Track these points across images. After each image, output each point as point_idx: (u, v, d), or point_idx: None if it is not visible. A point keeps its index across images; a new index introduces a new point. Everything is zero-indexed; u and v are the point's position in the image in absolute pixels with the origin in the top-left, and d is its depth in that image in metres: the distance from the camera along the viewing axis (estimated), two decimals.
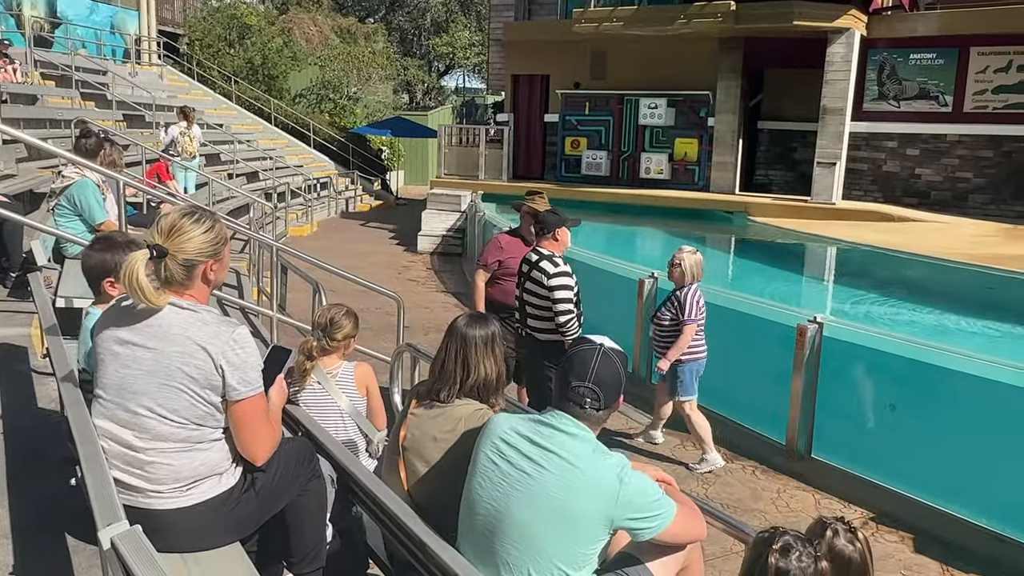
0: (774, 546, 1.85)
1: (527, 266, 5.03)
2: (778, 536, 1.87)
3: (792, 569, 1.82)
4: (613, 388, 2.30)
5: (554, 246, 4.98)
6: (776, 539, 1.86)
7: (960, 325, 8.56)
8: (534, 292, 4.95)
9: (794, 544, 1.85)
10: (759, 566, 1.85)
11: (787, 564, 1.82)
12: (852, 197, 14.81)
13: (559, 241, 4.99)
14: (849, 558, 1.85)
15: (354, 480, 2.84)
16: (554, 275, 4.83)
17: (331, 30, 34.01)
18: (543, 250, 4.97)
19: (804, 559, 1.83)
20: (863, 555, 1.86)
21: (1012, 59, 13.63)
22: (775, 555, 1.83)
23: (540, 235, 5.03)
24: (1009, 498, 4.77)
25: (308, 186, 19.27)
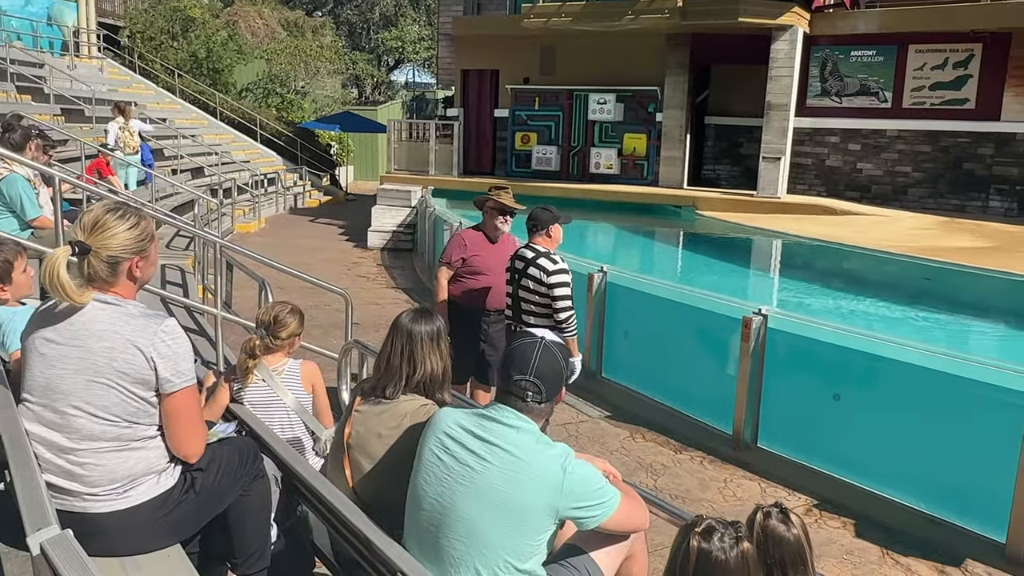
0: (697, 529, 1.89)
1: (521, 263, 4.99)
2: (701, 521, 1.91)
3: (714, 550, 1.85)
4: (554, 381, 2.31)
5: (548, 243, 4.97)
6: (699, 523, 1.91)
7: (900, 315, 8.80)
8: (531, 288, 4.92)
9: (716, 527, 1.89)
10: (683, 549, 1.89)
11: (709, 545, 1.86)
12: (797, 191, 15.11)
13: (552, 238, 4.99)
14: (781, 538, 1.88)
15: (299, 479, 2.81)
16: (554, 272, 4.83)
17: (278, 23, 33.49)
18: (538, 247, 4.95)
19: (726, 540, 1.87)
20: (798, 537, 1.90)
21: (948, 56, 14.03)
22: (697, 537, 1.88)
23: (533, 232, 5.00)
24: (944, 483, 4.92)
25: (255, 182, 18.97)
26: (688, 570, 1.88)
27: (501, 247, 5.43)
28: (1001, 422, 4.56)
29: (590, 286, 7.33)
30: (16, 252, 3.37)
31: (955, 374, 4.97)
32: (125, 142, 12.34)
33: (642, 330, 7.14)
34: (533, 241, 5.00)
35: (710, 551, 1.86)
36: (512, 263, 5.11)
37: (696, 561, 1.87)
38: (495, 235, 5.37)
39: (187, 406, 2.35)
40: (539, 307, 4.93)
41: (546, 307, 4.90)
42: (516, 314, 5.06)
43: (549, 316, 4.89)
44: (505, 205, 5.31)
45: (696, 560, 1.87)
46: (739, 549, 1.88)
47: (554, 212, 5.06)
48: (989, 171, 13.93)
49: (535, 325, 4.92)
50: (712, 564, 1.86)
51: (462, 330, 5.09)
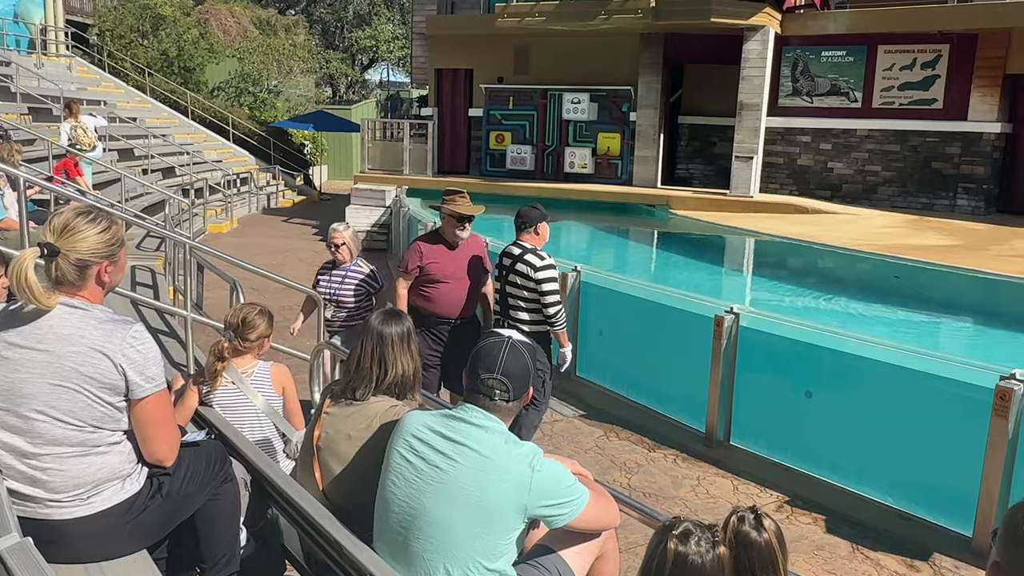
0: (674, 532, 1.89)
1: (509, 259, 5.08)
2: (678, 523, 1.91)
3: (690, 553, 1.85)
4: (522, 379, 2.31)
5: (535, 240, 5.07)
6: (676, 526, 1.90)
7: (870, 312, 8.90)
8: (519, 284, 5.01)
9: (694, 530, 1.89)
10: (660, 551, 1.89)
11: (686, 548, 1.86)
12: (769, 190, 15.24)
13: (540, 235, 5.09)
14: (753, 542, 1.89)
15: (268, 482, 2.79)
16: (541, 267, 4.94)
17: (250, 22, 33.22)
18: (525, 244, 5.05)
19: (703, 544, 1.87)
20: (769, 542, 1.91)
21: (916, 57, 14.23)
22: (674, 540, 1.87)
23: (521, 229, 5.09)
24: (913, 478, 4.99)
25: (228, 181, 18.78)
26: (664, 572, 1.87)
27: (462, 252, 5.30)
28: (967, 418, 4.63)
29: (564, 285, 7.33)
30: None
31: (923, 371, 5.04)
32: (79, 140, 12.11)
33: (616, 329, 7.16)
34: (520, 238, 5.09)
35: (687, 554, 1.86)
36: (499, 260, 5.20)
37: (672, 564, 1.87)
38: (454, 241, 5.26)
39: (158, 410, 2.32)
40: (527, 303, 5.02)
41: (534, 303, 4.99)
42: (504, 310, 5.15)
43: (538, 311, 5.00)
44: (460, 213, 5.19)
45: (672, 563, 1.87)
46: (715, 553, 1.88)
47: (542, 210, 5.16)
48: (957, 170, 14.14)
49: (525, 320, 5.04)
50: (688, 567, 1.86)
51: (426, 340, 5.07)
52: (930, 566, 4.45)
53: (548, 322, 5.00)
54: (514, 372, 2.29)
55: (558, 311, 4.98)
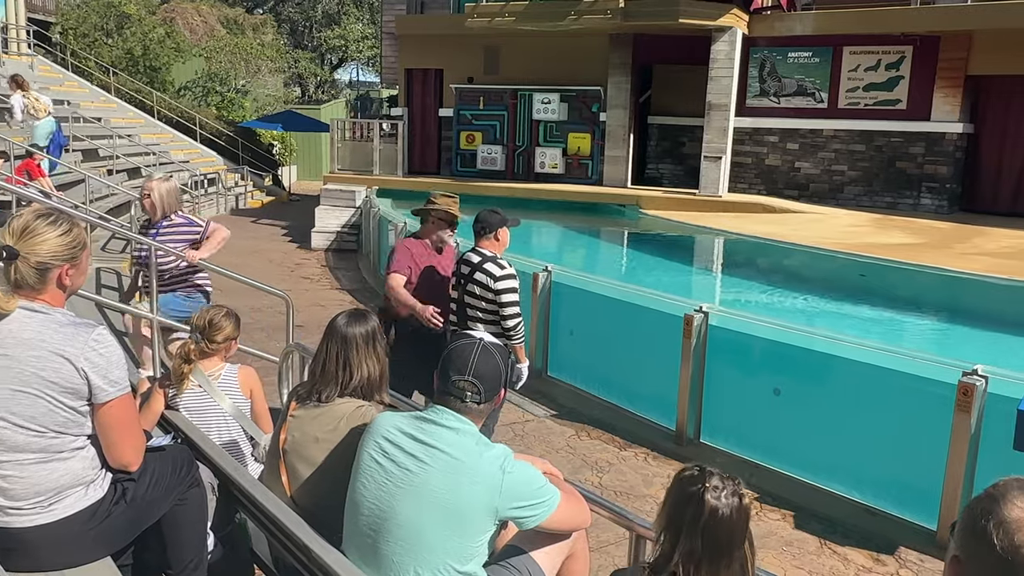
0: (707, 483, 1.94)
1: (467, 267, 4.82)
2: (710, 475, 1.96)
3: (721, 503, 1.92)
4: (493, 381, 2.31)
5: (495, 246, 4.81)
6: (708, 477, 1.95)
7: (837, 310, 9.02)
8: (477, 295, 4.77)
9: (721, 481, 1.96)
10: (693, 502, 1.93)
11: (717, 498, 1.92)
12: (737, 190, 15.38)
13: (500, 241, 4.82)
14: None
15: (236, 486, 2.76)
16: (501, 277, 4.69)
17: (217, 20, 32.85)
18: (485, 251, 4.78)
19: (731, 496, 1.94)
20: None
21: (881, 58, 14.43)
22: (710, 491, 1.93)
23: (480, 235, 4.81)
24: (879, 473, 5.06)
25: (195, 182, 18.61)
26: (700, 522, 1.92)
27: (446, 257, 5.18)
28: (931, 413, 4.71)
29: (535, 286, 7.35)
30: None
31: (888, 368, 5.11)
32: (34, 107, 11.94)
33: (587, 329, 7.19)
34: (480, 245, 4.83)
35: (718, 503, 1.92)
36: (457, 268, 4.95)
37: (709, 514, 1.92)
38: (440, 245, 5.12)
39: (123, 414, 2.29)
40: (485, 313, 4.79)
41: (493, 313, 4.77)
42: (462, 320, 4.89)
43: (496, 323, 4.76)
44: (455, 216, 5.02)
45: (709, 513, 1.92)
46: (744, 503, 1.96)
47: (502, 215, 4.88)
48: (920, 169, 14.37)
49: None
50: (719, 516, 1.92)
51: (405, 345, 4.86)
52: (896, 559, 4.52)
53: (506, 335, 4.72)
54: (485, 374, 2.29)
55: (516, 324, 4.73)
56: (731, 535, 1.93)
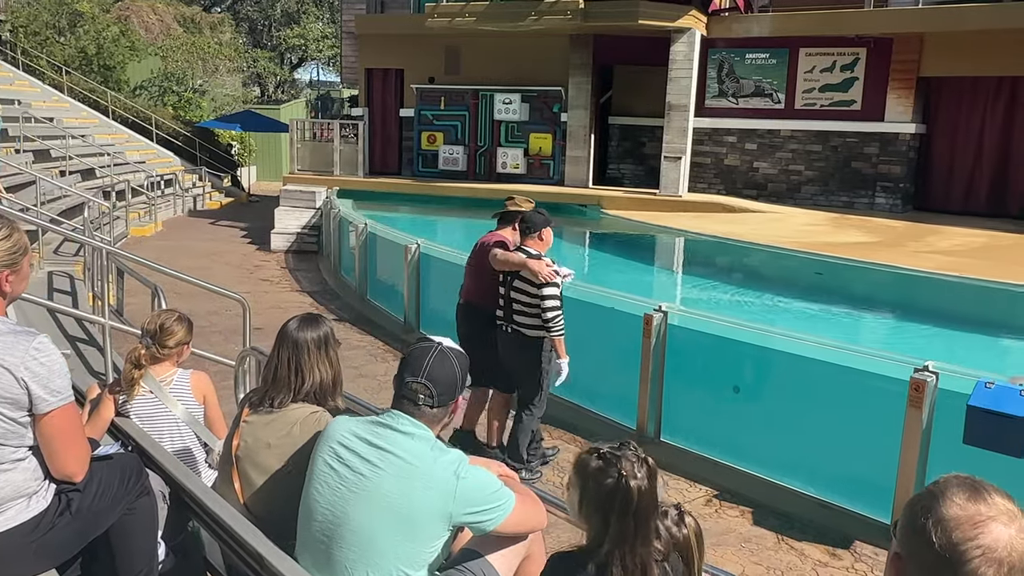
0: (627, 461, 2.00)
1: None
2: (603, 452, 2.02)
3: (637, 475, 1.98)
4: (448, 385, 2.29)
5: (539, 245, 5.12)
6: (615, 455, 2.01)
7: (795, 309, 9.14)
8: (522, 290, 5.06)
9: (626, 454, 2.02)
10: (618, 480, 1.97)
11: (633, 471, 1.98)
12: (697, 190, 15.53)
13: (544, 241, 5.14)
14: (672, 537, 1.95)
15: (187, 494, 2.71)
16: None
17: (173, 19, 32.34)
18: (530, 249, 5.08)
19: (637, 463, 2.00)
20: (687, 538, 1.96)
21: (836, 60, 14.68)
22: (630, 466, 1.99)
23: (526, 234, 5.14)
24: (835, 469, 5.13)
25: (151, 183, 18.27)
26: (630, 500, 1.95)
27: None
28: (884, 409, 4.79)
29: None
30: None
31: (843, 364, 5.19)
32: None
33: None
34: (525, 243, 5.14)
35: (634, 475, 1.97)
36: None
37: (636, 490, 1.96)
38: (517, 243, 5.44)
39: (65, 425, 2.22)
40: (528, 307, 5.07)
41: (535, 307, 5.03)
42: (507, 314, 5.19)
43: (538, 316, 5.04)
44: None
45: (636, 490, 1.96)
46: (648, 466, 2.01)
47: (546, 216, 5.23)
48: (875, 169, 14.64)
49: (526, 324, 5.09)
50: (640, 488, 1.97)
51: (477, 332, 5.38)
52: (851, 553, 4.59)
53: (545, 327, 5.02)
54: (439, 378, 2.27)
55: (554, 316, 4.97)
56: (650, 504, 1.98)
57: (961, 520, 1.15)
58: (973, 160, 14.33)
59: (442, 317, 8.73)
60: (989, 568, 1.12)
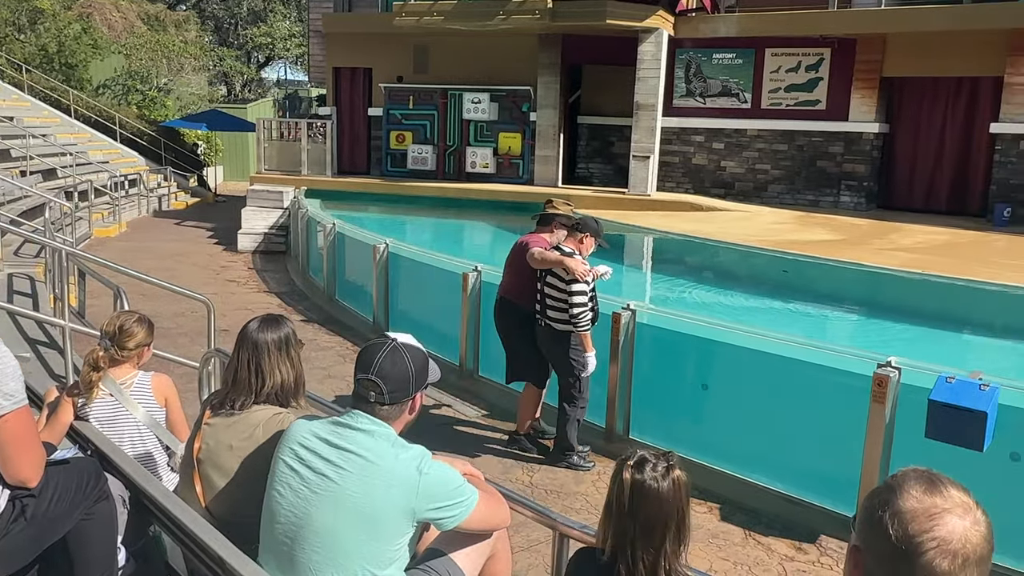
0: (629, 462, 2.05)
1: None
2: (634, 454, 2.07)
3: (647, 480, 2.01)
4: (400, 382, 2.26)
5: (579, 246, 5.40)
6: (631, 456, 2.06)
7: (761, 306, 9.23)
8: (554, 286, 5.33)
9: (648, 458, 2.05)
10: (618, 482, 2.03)
11: (642, 476, 2.01)
12: (665, 189, 15.63)
13: (584, 245, 5.43)
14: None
15: (148, 498, 2.66)
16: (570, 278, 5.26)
17: (137, 17, 31.85)
18: (567, 247, 5.36)
19: (659, 469, 2.03)
20: None
21: (801, 60, 14.85)
22: (630, 469, 2.03)
23: (571, 233, 5.47)
24: (801, 464, 5.19)
25: (115, 183, 17.98)
26: (624, 501, 2.00)
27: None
28: (849, 404, 4.84)
29: (465, 285, 7.32)
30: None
31: (808, 361, 5.24)
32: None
33: None
34: (565, 242, 5.46)
35: (643, 481, 2.00)
36: None
37: (631, 491, 2.00)
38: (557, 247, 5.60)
39: (19, 429, 2.18)
40: (558, 302, 5.33)
41: (564, 302, 5.29)
42: (542, 309, 5.48)
43: (566, 311, 5.30)
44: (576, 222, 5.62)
45: (631, 490, 2.00)
46: (671, 477, 2.03)
47: (599, 226, 5.57)
48: (840, 168, 14.83)
49: (555, 320, 5.37)
50: (646, 493, 2.00)
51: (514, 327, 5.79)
52: (817, 548, 4.63)
53: (571, 322, 5.27)
54: (390, 374, 2.24)
55: (580, 312, 5.23)
56: (661, 510, 2.00)
57: (917, 513, 1.16)
58: (935, 159, 14.58)
59: (411, 317, 8.72)
60: (944, 560, 1.13)
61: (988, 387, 4.10)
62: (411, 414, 2.34)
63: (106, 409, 3.24)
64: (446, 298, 7.67)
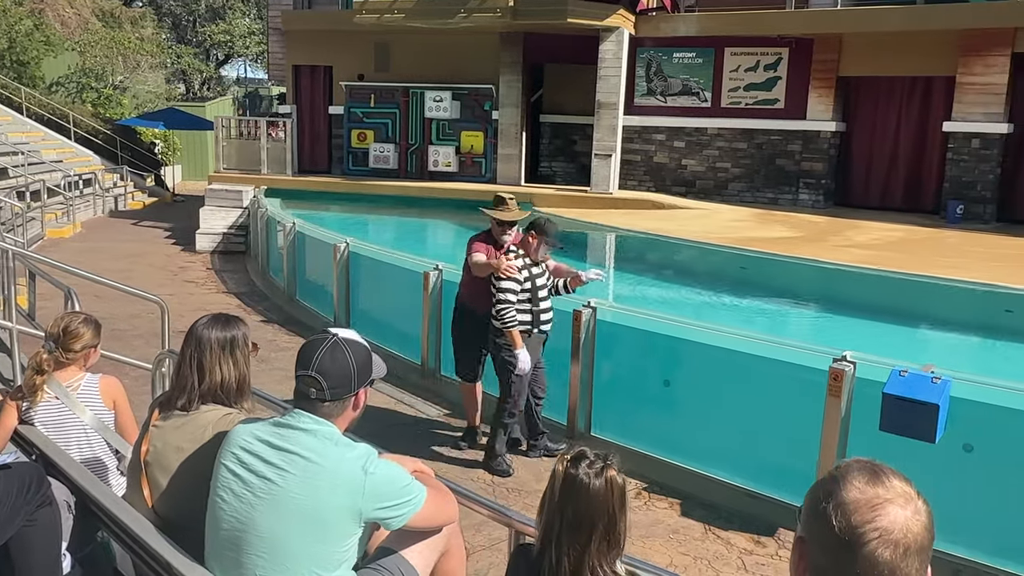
0: (566, 456, 2.06)
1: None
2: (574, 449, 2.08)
3: (579, 475, 2.00)
4: (341, 378, 2.22)
5: (524, 246, 5.45)
6: (570, 451, 2.07)
7: (722, 302, 9.32)
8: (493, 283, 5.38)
9: (586, 455, 2.05)
10: (552, 474, 2.04)
11: (576, 471, 2.01)
12: (627, 187, 15.71)
13: (530, 244, 5.42)
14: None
15: (95, 503, 2.60)
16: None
17: (91, 13, 31.17)
18: (513, 247, 5.48)
19: (593, 467, 2.02)
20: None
21: (759, 59, 15.02)
22: (564, 463, 2.04)
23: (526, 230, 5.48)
24: (760, 458, 5.23)
25: (69, 183, 17.61)
26: (554, 494, 2.01)
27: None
28: (805, 399, 4.90)
29: (426, 284, 7.28)
30: None
31: (766, 356, 5.29)
32: None
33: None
34: (513, 240, 5.56)
35: (575, 476, 2.00)
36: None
37: (561, 485, 2.01)
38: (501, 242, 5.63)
39: None
40: (492, 297, 5.37)
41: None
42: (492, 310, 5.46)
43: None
44: (500, 219, 5.59)
45: (561, 484, 2.01)
46: (605, 476, 2.02)
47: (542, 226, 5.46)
48: (798, 166, 15.03)
49: (493, 316, 5.36)
50: (576, 488, 1.99)
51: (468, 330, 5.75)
52: (775, 541, 4.68)
53: (496, 319, 5.32)
54: (330, 371, 2.20)
55: (501, 309, 5.25)
56: (589, 508, 1.99)
57: (860, 503, 1.16)
58: (890, 157, 14.85)
59: (372, 316, 8.65)
60: (886, 550, 1.13)
61: (940, 380, 4.18)
62: (355, 411, 2.30)
63: (52, 413, 3.16)
64: (407, 297, 7.62)
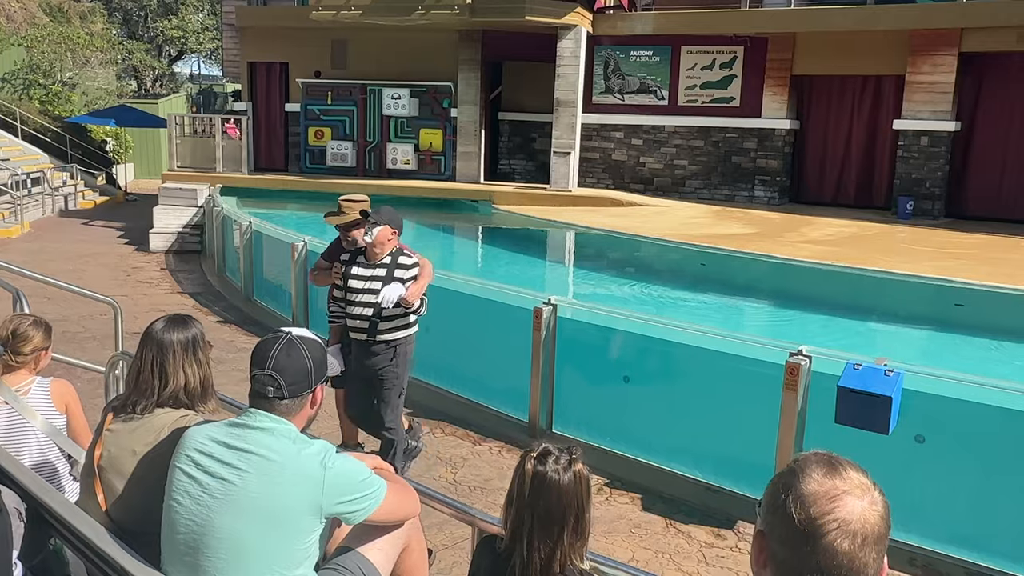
0: (532, 453, 2.06)
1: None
2: (538, 446, 2.08)
3: (548, 471, 2.01)
4: (298, 375, 2.20)
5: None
6: (535, 448, 2.07)
7: (680, 298, 9.41)
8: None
9: (552, 451, 2.06)
10: (519, 472, 2.04)
11: (544, 468, 2.02)
12: (586, 184, 15.79)
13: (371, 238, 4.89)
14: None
15: (47, 509, 2.52)
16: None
17: (38, 7, 30.40)
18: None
19: (560, 462, 2.03)
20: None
21: (715, 58, 15.19)
22: (532, 460, 2.04)
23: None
24: (719, 452, 5.30)
25: (17, 182, 17.17)
26: (524, 492, 2.00)
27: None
28: (763, 393, 4.97)
29: None
30: None
31: (724, 351, 5.36)
32: None
33: (439, 324, 7.11)
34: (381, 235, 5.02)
35: (545, 472, 2.01)
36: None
37: (531, 482, 2.01)
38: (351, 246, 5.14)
39: None
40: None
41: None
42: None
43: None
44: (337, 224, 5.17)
45: (531, 482, 2.00)
46: (573, 471, 2.03)
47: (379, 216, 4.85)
48: (754, 163, 15.24)
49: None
50: (547, 485, 2.00)
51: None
52: (735, 533, 4.75)
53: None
54: (286, 368, 2.19)
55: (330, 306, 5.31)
56: (561, 503, 2.00)
57: (818, 495, 1.18)
58: (842, 155, 15.13)
59: None
60: (845, 540, 1.15)
61: (893, 373, 4.27)
62: (312, 408, 2.29)
63: (1, 418, 3.07)
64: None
